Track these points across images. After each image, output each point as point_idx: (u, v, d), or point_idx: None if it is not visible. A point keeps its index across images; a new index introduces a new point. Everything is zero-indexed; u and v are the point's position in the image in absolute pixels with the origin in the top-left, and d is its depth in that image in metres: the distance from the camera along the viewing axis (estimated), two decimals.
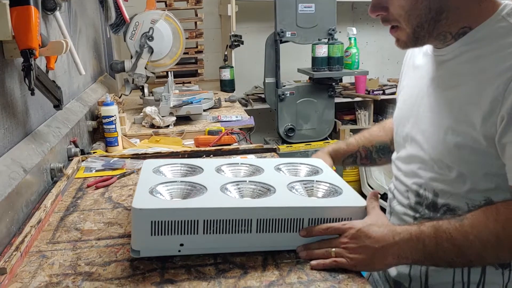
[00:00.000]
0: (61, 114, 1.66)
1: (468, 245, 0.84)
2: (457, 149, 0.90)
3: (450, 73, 0.95)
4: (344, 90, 3.91)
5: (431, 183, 0.98)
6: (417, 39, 0.93)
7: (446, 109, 0.93)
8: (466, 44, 0.92)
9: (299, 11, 3.11)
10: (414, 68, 1.09)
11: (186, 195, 1.06)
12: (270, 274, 0.92)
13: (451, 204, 0.95)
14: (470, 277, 0.96)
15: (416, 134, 1.01)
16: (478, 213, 0.86)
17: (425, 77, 1.01)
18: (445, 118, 0.93)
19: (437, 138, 0.94)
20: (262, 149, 1.71)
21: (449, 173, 0.93)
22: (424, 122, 0.98)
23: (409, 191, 1.04)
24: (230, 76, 3.31)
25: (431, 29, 0.91)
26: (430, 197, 0.98)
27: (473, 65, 0.90)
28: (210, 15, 3.63)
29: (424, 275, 1.01)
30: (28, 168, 1.22)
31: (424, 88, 1.00)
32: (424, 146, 0.98)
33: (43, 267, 0.97)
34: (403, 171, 1.06)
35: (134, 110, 2.61)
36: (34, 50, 1.17)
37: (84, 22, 2.28)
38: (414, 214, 1.02)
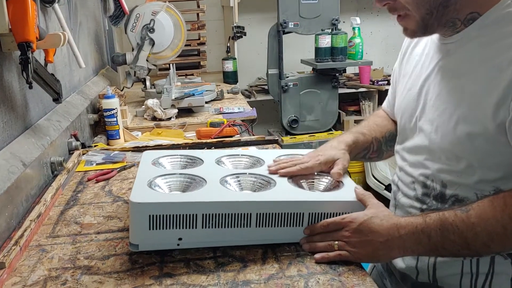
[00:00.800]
0: (62, 108, 1.65)
1: (474, 236, 0.83)
2: (468, 138, 0.88)
3: (459, 61, 0.92)
4: (348, 80, 3.89)
5: (439, 174, 0.95)
6: (426, 26, 0.91)
7: (456, 97, 0.90)
8: (475, 30, 0.89)
9: (302, 1, 3.08)
10: (416, 57, 1.06)
11: (185, 187, 1.05)
12: (269, 267, 0.91)
13: (459, 195, 0.93)
14: (478, 268, 0.94)
15: (423, 124, 0.98)
16: (485, 203, 0.84)
17: (431, 65, 0.98)
18: (456, 106, 0.90)
19: (447, 128, 0.91)
20: (264, 141, 1.69)
21: (458, 163, 0.91)
22: (432, 112, 0.96)
23: (415, 182, 1.01)
24: (233, 68, 3.29)
25: (440, 16, 0.89)
26: (438, 188, 0.96)
27: (483, 51, 0.87)
28: (212, 7, 3.61)
29: (432, 267, 0.99)
30: (28, 162, 1.21)
31: (431, 76, 0.97)
32: (432, 136, 0.95)
33: (43, 261, 0.97)
34: (408, 161, 1.04)
35: (136, 102, 2.60)
36: (31, 43, 1.16)
37: (84, 15, 2.27)
38: (421, 205, 1.00)
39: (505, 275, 0.93)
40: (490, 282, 0.94)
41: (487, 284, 0.94)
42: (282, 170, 1.07)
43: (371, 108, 3.88)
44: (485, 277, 0.94)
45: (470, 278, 0.95)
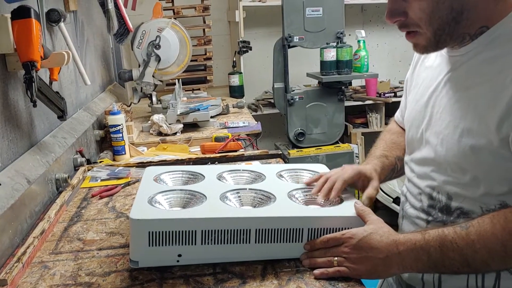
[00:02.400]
0: (68, 124, 1.68)
1: (474, 255, 0.83)
2: (472, 151, 0.87)
3: (466, 74, 0.92)
4: (354, 93, 3.89)
5: (444, 186, 0.95)
6: (438, 42, 0.90)
7: (461, 110, 0.90)
8: (483, 44, 0.89)
9: (306, 15, 3.10)
10: (426, 69, 1.06)
11: (185, 204, 1.05)
12: (269, 284, 0.91)
13: (464, 208, 0.92)
14: (484, 283, 0.92)
15: (430, 136, 0.98)
16: (485, 220, 0.83)
17: (439, 78, 0.98)
18: (461, 119, 0.90)
19: (452, 140, 0.91)
20: (267, 155, 1.70)
21: (463, 176, 0.91)
22: (438, 124, 0.96)
23: (422, 193, 1.01)
24: (239, 82, 3.31)
25: (451, 31, 0.88)
26: (444, 200, 0.95)
27: (490, 65, 0.87)
28: (218, 22, 3.64)
29: (437, 280, 0.98)
30: (32, 179, 1.23)
31: (438, 88, 0.97)
32: (438, 148, 0.95)
33: (44, 278, 0.98)
34: (416, 173, 1.03)
35: (143, 118, 2.62)
36: (35, 62, 1.18)
37: (91, 32, 2.31)
38: (427, 217, 0.99)
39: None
40: None
41: None
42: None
43: (378, 120, 3.87)
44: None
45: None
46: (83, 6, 2.13)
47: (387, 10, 0.92)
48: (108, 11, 1.89)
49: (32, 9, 1.19)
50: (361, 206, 1.00)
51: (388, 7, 0.91)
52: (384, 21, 4.23)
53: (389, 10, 0.91)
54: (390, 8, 0.91)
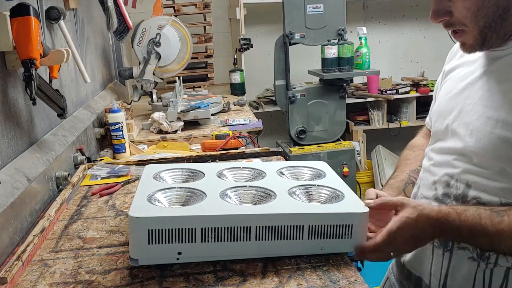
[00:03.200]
0: (68, 122, 1.68)
1: (500, 242, 0.86)
2: (504, 143, 0.87)
3: (503, 68, 0.92)
4: (356, 90, 3.87)
5: (465, 174, 0.94)
6: (485, 40, 0.90)
7: (496, 102, 0.90)
8: None
9: (307, 12, 3.09)
10: (462, 63, 1.05)
11: (185, 201, 1.05)
12: (269, 281, 0.91)
13: (482, 198, 0.91)
14: (492, 282, 0.93)
15: (457, 127, 0.97)
16: None
17: (475, 72, 0.98)
18: (495, 111, 0.89)
19: (484, 131, 0.90)
20: (268, 153, 1.70)
21: (489, 167, 0.90)
22: (469, 115, 0.95)
23: (437, 182, 1.00)
24: (240, 80, 3.31)
25: (498, 29, 0.88)
26: (462, 188, 0.95)
27: None
28: (219, 19, 3.64)
29: (444, 274, 0.99)
30: (32, 177, 1.23)
31: (474, 81, 0.97)
32: (466, 139, 0.94)
33: (44, 276, 0.98)
34: (435, 160, 1.03)
35: (143, 116, 2.62)
36: (35, 60, 1.18)
37: (92, 30, 2.30)
38: (440, 206, 0.98)
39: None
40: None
41: None
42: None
43: (380, 117, 3.86)
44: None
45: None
46: (83, 4, 2.13)
47: (431, 10, 0.91)
48: (108, 9, 1.89)
49: (31, 6, 1.18)
50: (377, 200, 0.99)
51: (432, 7, 0.91)
52: (385, 18, 4.21)
53: (433, 10, 0.91)
54: (434, 9, 0.91)
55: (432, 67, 4.13)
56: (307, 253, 0.99)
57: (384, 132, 3.91)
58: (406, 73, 4.19)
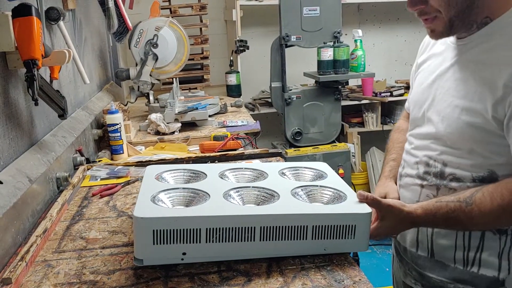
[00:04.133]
0: (67, 123, 1.67)
1: (472, 226, 1.01)
2: (470, 128, 0.99)
3: (468, 60, 1.02)
4: (351, 92, 3.89)
5: (441, 155, 1.07)
6: (452, 27, 1.00)
7: (462, 91, 1.01)
8: (486, 34, 1.00)
9: (303, 14, 3.10)
10: (431, 56, 1.16)
11: (188, 202, 1.05)
12: (274, 281, 0.91)
13: (457, 174, 1.04)
14: (470, 242, 1.06)
15: (431, 115, 1.09)
16: (486, 199, 0.96)
17: (443, 64, 1.09)
18: (461, 99, 1.01)
19: (452, 117, 1.02)
20: (268, 154, 1.70)
21: (460, 148, 1.03)
22: (440, 104, 1.07)
23: (418, 163, 1.12)
24: (236, 81, 3.31)
25: (465, 18, 0.99)
26: (439, 167, 1.07)
27: (490, 54, 0.98)
28: (215, 21, 3.64)
29: (430, 238, 1.11)
30: (34, 178, 1.23)
31: (443, 73, 1.08)
32: (438, 125, 1.06)
33: (48, 277, 0.98)
34: (415, 145, 1.15)
35: (140, 117, 2.62)
36: (37, 60, 1.18)
37: (89, 31, 2.30)
38: (422, 182, 1.11)
39: (494, 250, 1.04)
40: (480, 256, 1.05)
41: (477, 258, 1.05)
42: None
43: (374, 119, 3.88)
44: (476, 250, 1.05)
45: (462, 251, 1.06)
46: (81, 5, 2.12)
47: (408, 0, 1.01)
48: (108, 10, 1.89)
49: (33, 6, 1.18)
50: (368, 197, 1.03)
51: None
52: (380, 20, 4.23)
53: (410, 0, 1.01)
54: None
55: None
56: (310, 253, 1.00)
57: (378, 134, 3.93)
58: (400, 76, 4.22)
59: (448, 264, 1.09)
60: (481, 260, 1.05)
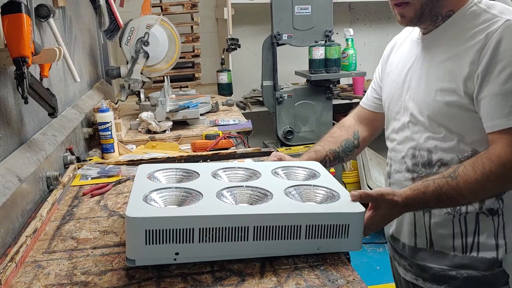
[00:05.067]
0: (57, 122, 1.65)
1: (462, 198, 1.04)
2: (445, 106, 1.08)
3: (436, 49, 1.13)
4: (342, 91, 3.90)
5: (424, 143, 1.13)
6: (421, 15, 1.10)
7: (434, 75, 1.11)
8: (449, 25, 1.11)
9: (295, 13, 3.10)
10: (398, 55, 1.26)
11: (181, 202, 1.04)
12: (268, 281, 0.91)
13: (444, 159, 1.11)
14: (467, 227, 1.12)
15: (408, 103, 1.17)
16: (468, 169, 1.01)
17: (412, 58, 1.18)
18: (434, 81, 1.10)
19: (428, 100, 1.11)
20: (260, 153, 1.70)
21: (439, 130, 1.10)
22: (415, 91, 1.15)
23: (405, 157, 1.18)
24: (228, 80, 3.30)
25: (433, 7, 1.09)
26: (425, 155, 1.13)
27: (455, 39, 1.09)
28: (206, 19, 3.62)
29: (428, 228, 1.16)
30: (23, 177, 1.21)
31: (413, 65, 1.17)
32: (415, 110, 1.14)
33: (39, 278, 0.96)
34: (397, 140, 1.21)
35: (130, 115, 2.60)
36: (26, 58, 1.16)
37: (79, 29, 2.27)
38: (412, 175, 1.17)
39: (489, 231, 1.10)
40: (478, 240, 1.11)
41: (476, 242, 1.11)
42: None
43: None
44: (473, 235, 1.11)
45: (460, 238, 1.12)
46: (71, 2, 2.10)
47: None
48: (100, 7, 1.87)
49: (22, 3, 1.16)
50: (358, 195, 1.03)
51: None
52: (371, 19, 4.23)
53: None
54: None
55: None
56: (304, 253, 0.99)
57: None
58: None
59: (448, 253, 1.14)
60: (479, 244, 1.11)
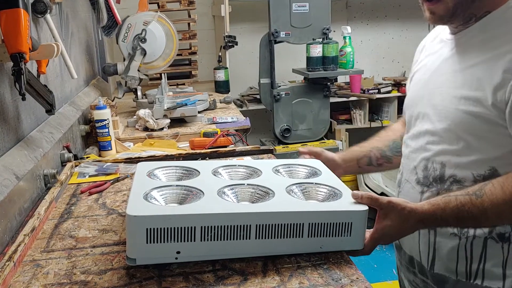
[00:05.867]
0: (54, 119, 1.63)
1: (486, 220, 0.93)
2: (468, 117, 0.95)
3: (464, 52, 1.01)
4: (339, 89, 3.90)
5: (438, 156, 1.02)
6: (453, 15, 0.99)
7: (460, 81, 0.99)
8: (483, 26, 0.99)
9: (293, 10, 3.10)
10: (427, 56, 1.14)
11: (182, 200, 1.03)
12: (271, 280, 0.90)
13: (457, 175, 0.99)
14: (472, 252, 1.01)
15: (426, 109, 1.05)
16: (497, 188, 0.91)
17: (439, 60, 1.07)
18: (459, 89, 0.98)
19: (449, 109, 0.99)
20: (259, 151, 1.69)
21: (457, 143, 0.98)
22: (435, 97, 1.03)
23: (417, 167, 1.08)
24: (225, 77, 3.29)
25: (466, 8, 0.97)
26: (438, 168, 1.02)
27: (488, 43, 0.96)
28: (203, 16, 3.61)
29: (432, 248, 1.07)
30: (21, 175, 1.19)
31: (439, 68, 1.06)
32: (433, 118, 1.03)
33: (38, 277, 0.95)
34: (412, 147, 1.10)
35: (127, 113, 2.58)
36: (24, 54, 1.14)
37: (76, 25, 2.25)
38: (422, 188, 1.06)
39: (497, 260, 0.99)
40: (483, 268, 1.00)
41: (481, 270, 1.01)
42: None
43: (362, 116, 3.89)
44: (479, 262, 1.01)
45: (465, 263, 1.02)
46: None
47: None
48: (98, 3, 1.85)
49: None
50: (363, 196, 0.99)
51: None
52: (368, 17, 4.25)
53: None
54: None
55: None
56: (306, 251, 0.98)
57: (366, 131, 3.94)
58: (387, 73, 4.24)
59: (450, 276, 1.05)
60: (485, 271, 1.00)
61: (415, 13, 4.07)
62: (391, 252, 3.19)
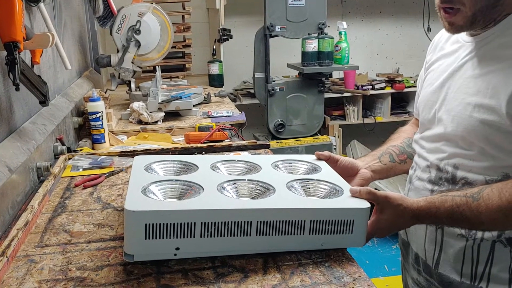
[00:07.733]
0: (47, 111, 1.60)
1: (479, 224, 0.92)
2: (482, 125, 0.94)
3: (482, 57, 0.98)
4: (333, 85, 3.89)
5: (452, 158, 1.02)
6: (473, 23, 0.96)
7: (475, 88, 0.97)
8: (502, 29, 0.96)
9: (289, 4, 3.07)
10: (441, 56, 1.12)
11: (181, 195, 1.01)
12: (272, 278, 0.88)
13: (469, 178, 0.99)
14: (479, 255, 1.00)
15: (442, 114, 1.04)
16: (494, 194, 0.89)
17: (455, 62, 1.05)
18: (473, 96, 0.97)
19: (464, 115, 0.98)
20: (256, 146, 1.67)
21: (471, 149, 0.98)
22: (451, 103, 1.02)
23: (430, 166, 1.08)
24: (219, 71, 3.26)
25: (487, 14, 0.95)
26: (450, 170, 1.02)
27: (506, 49, 0.94)
28: (197, 9, 3.57)
29: (438, 251, 1.06)
30: (14, 168, 1.16)
31: (454, 71, 1.04)
32: (449, 125, 1.02)
33: (32, 273, 0.92)
34: (426, 148, 1.10)
35: (120, 105, 2.54)
36: (18, 43, 1.11)
37: (69, 15, 2.21)
38: (433, 187, 1.07)
39: (504, 264, 0.98)
40: (489, 271, 0.99)
41: (486, 273, 0.99)
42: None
43: (356, 112, 3.88)
44: (485, 264, 0.99)
45: (470, 264, 1.01)
46: None
47: None
48: None
49: None
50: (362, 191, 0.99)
51: None
52: (363, 13, 4.23)
53: None
54: None
55: (405, 63, 4.19)
56: (307, 249, 0.97)
57: (359, 127, 3.95)
58: (381, 69, 4.24)
59: (454, 278, 1.04)
60: (490, 275, 0.99)
61: (410, 9, 4.07)
62: (383, 248, 3.19)
